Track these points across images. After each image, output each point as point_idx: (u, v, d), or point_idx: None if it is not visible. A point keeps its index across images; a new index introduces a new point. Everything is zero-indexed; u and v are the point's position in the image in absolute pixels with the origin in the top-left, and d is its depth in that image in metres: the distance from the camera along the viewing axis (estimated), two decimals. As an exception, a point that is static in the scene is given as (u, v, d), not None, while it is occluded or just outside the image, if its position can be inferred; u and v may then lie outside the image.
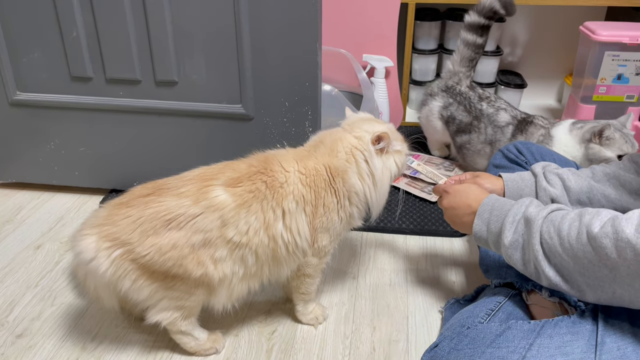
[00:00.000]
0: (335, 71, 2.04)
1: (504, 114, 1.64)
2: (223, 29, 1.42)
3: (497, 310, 0.93)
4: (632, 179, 0.99)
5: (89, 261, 0.97)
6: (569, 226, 0.81)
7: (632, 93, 1.92)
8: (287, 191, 1.02)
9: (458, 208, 1.02)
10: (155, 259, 0.95)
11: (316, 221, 1.06)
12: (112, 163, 1.69)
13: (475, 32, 1.69)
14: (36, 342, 1.18)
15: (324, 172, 1.06)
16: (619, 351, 0.78)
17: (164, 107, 1.56)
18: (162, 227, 0.96)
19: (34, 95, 1.59)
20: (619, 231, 0.73)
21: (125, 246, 0.96)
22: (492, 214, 0.94)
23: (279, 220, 1.02)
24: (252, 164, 1.05)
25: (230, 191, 0.99)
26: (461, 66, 1.75)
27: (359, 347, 1.17)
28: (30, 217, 1.63)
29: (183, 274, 0.98)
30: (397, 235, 1.56)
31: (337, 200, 1.07)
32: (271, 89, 1.48)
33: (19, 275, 1.38)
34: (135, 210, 0.97)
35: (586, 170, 1.08)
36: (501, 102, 1.69)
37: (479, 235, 0.96)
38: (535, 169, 1.10)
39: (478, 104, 1.68)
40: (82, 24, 1.47)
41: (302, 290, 1.18)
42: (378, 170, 1.08)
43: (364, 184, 1.08)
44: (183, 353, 1.14)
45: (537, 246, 0.84)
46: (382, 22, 1.99)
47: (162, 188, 1.00)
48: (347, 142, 1.08)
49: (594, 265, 0.77)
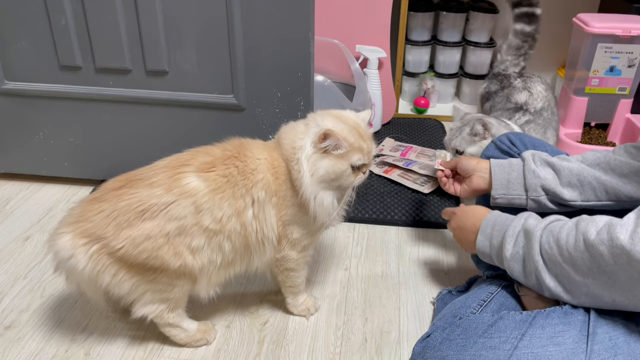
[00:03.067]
0: (327, 62, 2.02)
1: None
2: (214, 18, 1.40)
3: (489, 301, 0.93)
4: (623, 163, 0.98)
5: (67, 259, 0.96)
6: (566, 235, 0.81)
7: (624, 85, 1.92)
8: (257, 178, 1.01)
9: (465, 228, 1.03)
10: (130, 251, 0.95)
11: (282, 213, 1.05)
12: (102, 153, 1.67)
13: (522, 19, 1.70)
14: (25, 333, 1.17)
15: (283, 163, 1.03)
16: (611, 341, 0.78)
17: (155, 97, 1.54)
18: (136, 218, 0.95)
19: (23, 85, 1.57)
20: (614, 238, 0.74)
21: (101, 241, 0.95)
22: (494, 229, 0.96)
23: (248, 208, 1.01)
24: (227, 148, 1.04)
25: (203, 176, 0.98)
26: (507, 54, 1.76)
27: (350, 338, 1.17)
28: (19, 208, 1.62)
29: (161, 265, 0.97)
30: (389, 226, 1.56)
31: (292, 194, 1.03)
32: (263, 79, 1.47)
33: (8, 266, 1.37)
34: (108, 204, 0.96)
35: (576, 156, 1.08)
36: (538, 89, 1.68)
37: (483, 251, 0.97)
38: (525, 155, 1.10)
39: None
40: (71, 12, 1.44)
41: (289, 284, 1.17)
42: (304, 169, 0.98)
43: (299, 177, 0.99)
44: (173, 344, 1.14)
45: (537, 257, 0.85)
46: (376, 13, 1.97)
47: (134, 179, 0.99)
48: (295, 133, 1.03)
49: (593, 272, 0.77)
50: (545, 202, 1.06)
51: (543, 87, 1.67)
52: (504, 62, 1.77)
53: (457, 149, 1.44)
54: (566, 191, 1.03)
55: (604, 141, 2.01)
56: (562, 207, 1.07)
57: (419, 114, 2.33)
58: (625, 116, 1.98)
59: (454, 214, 1.10)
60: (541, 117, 1.60)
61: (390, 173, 1.78)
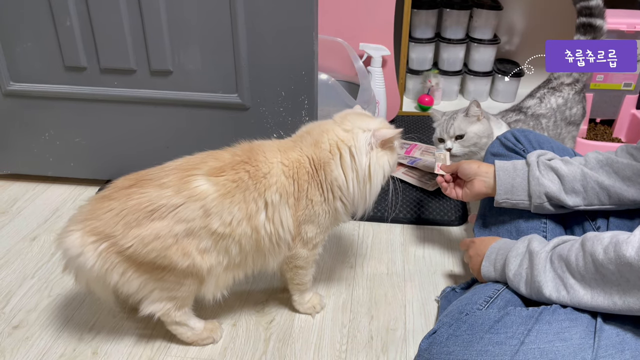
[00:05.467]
0: (331, 60, 2.02)
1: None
2: (218, 17, 1.40)
3: (495, 298, 0.93)
4: (626, 165, 0.98)
5: (76, 257, 0.97)
6: (575, 257, 0.84)
7: (629, 81, 1.91)
8: (270, 182, 1.01)
9: (480, 256, 1.06)
10: (139, 250, 0.95)
11: (299, 213, 1.05)
12: (108, 153, 1.68)
13: (579, 30, 1.64)
14: (33, 333, 1.17)
15: (307, 163, 1.04)
16: (618, 337, 0.78)
17: (159, 97, 1.54)
18: (145, 218, 0.95)
19: (28, 86, 1.58)
20: (621, 256, 0.75)
21: (109, 239, 0.96)
22: (498, 254, 1.00)
23: (261, 211, 1.01)
24: (237, 153, 1.04)
25: (213, 180, 0.99)
26: None
27: (356, 335, 1.17)
28: (26, 209, 1.63)
29: (169, 265, 0.98)
30: (394, 224, 1.56)
31: (320, 193, 1.06)
32: (267, 78, 1.47)
33: (15, 266, 1.37)
34: (118, 203, 0.96)
35: (579, 158, 1.08)
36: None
37: (487, 276, 1.01)
38: (530, 158, 1.10)
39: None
40: (76, 13, 1.45)
41: (297, 281, 1.18)
42: (364, 167, 1.05)
43: (348, 178, 1.05)
44: (180, 343, 1.14)
45: (539, 277, 0.87)
46: (379, 11, 1.97)
47: (144, 179, 1.00)
48: (334, 134, 1.06)
49: (611, 288, 0.79)
50: (548, 206, 1.08)
51: (560, 103, 1.61)
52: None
53: (459, 133, 1.42)
54: (570, 198, 1.05)
55: (609, 137, 2.01)
56: (564, 209, 1.07)
57: (423, 112, 2.32)
58: (631, 112, 1.97)
59: (472, 242, 1.13)
60: (535, 121, 1.57)
61: (395, 171, 1.78)
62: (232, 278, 1.08)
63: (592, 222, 1.09)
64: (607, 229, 1.06)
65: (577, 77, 1.65)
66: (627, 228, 1.03)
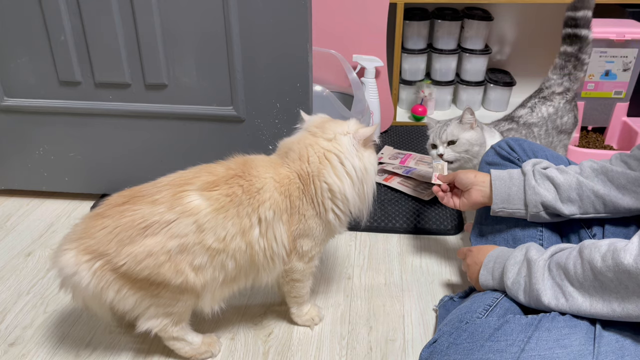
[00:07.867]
0: (325, 72, 2.03)
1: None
2: (213, 31, 1.41)
3: (494, 306, 0.93)
4: (620, 173, 0.99)
5: (71, 276, 0.96)
6: (573, 265, 0.84)
7: (619, 89, 1.94)
8: (263, 198, 1.01)
9: (478, 264, 1.06)
10: (132, 267, 0.95)
11: (293, 228, 1.06)
12: (103, 168, 1.67)
13: (565, 41, 1.67)
14: (29, 350, 1.16)
15: (296, 179, 1.05)
16: (618, 343, 0.78)
17: (154, 111, 1.55)
18: (137, 235, 0.95)
19: (22, 101, 1.58)
20: (619, 264, 0.76)
21: (104, 257, 0.95)
22: (495, 263, 1.01)
23: (255, 227, 1.01)
24: (230, 166, 1.04)
25: (206, 195, 0.98)
26: (553, 73, 1.72)
27: (355, 347, 1.17)
28: (20, 224, 1.61)
29: (163, 281, 0.97)
30: (390, 234, 1.56)
31: (312, 207, 1.06)
32: (262, 90, 1.48)
33: (10, 282, 1.36)
34: (111, 220, 0.96)
35: (574, 166, 1.09)
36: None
37: (485, 284, 1.01)
38: (525, 167, 1.11)
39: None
40: (70, 28, 1.45)
41: (294, 294, 1.17)
42: (357, 169, 1.06)
43: (345, 184, 1.05)
44: (179, 357, 1.13)
45: (538, 285, 0.88)
46: (372, 23, 1.99)
47: (137, 196, 0.99)
48: (318, 146, 1.06)
49: (610, 296, 0.79)
50: (544, 215, 1.09)
51: (551, 111, 1.63)
52: (549, 79, 1.73)
53: (452, 139, 1.43)
54: (565, 207, 1.06)
55: (601, 145, 2.02)
56: (560, 218, 1.08)
57: (416, 122, 2.34)
58: (622, 119, 1.99)
59: (469, 251, 1.13)
60: (527, 129, 1.59)
61: (390, 181, 1.78)
62: (228, 292, 1.08)
63: (588, 229, 1.10)
64: (603, 237, 1.06)
65: (568, 86, 1.67)
66: (622, 235, 1.03)
